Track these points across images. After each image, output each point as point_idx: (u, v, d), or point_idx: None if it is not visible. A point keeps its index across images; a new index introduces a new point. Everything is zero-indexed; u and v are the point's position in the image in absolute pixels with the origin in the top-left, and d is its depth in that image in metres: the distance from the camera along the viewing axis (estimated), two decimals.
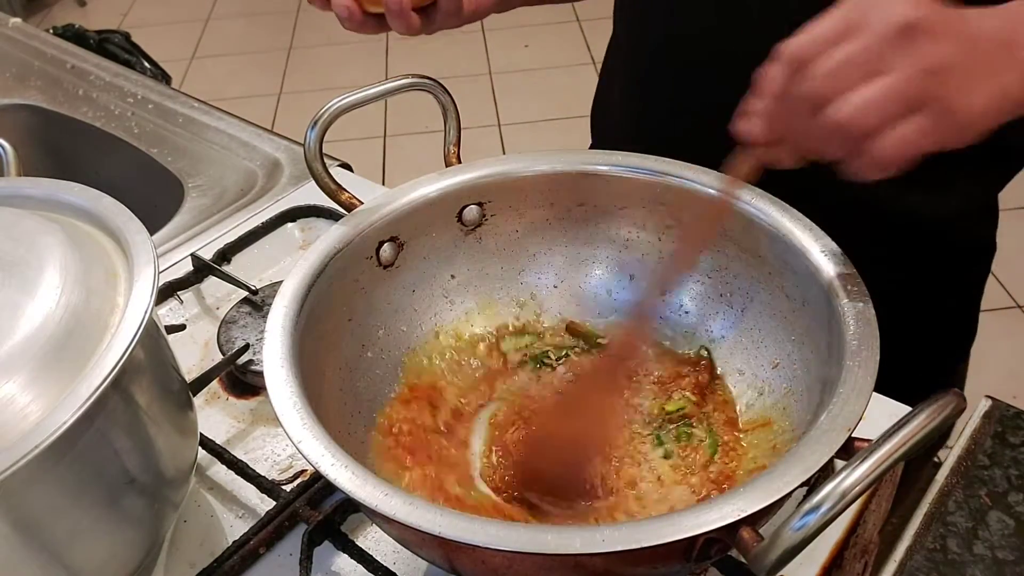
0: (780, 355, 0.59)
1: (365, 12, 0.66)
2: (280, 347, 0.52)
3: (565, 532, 0.41)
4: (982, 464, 0.60)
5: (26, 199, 0.58)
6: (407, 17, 0.65)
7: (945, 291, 0.83)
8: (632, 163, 0.64)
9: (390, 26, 0.66)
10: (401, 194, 0.63)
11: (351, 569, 0.59)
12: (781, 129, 0.47)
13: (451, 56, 3.06)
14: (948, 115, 0.43)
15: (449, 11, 0.67)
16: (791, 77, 0.45)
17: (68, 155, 1.15)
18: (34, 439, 0.42)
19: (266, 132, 1.07)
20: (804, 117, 0.45)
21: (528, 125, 2.81)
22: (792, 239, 0.57)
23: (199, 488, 0.66)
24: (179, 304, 0.83)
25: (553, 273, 0.68)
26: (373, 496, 0.43)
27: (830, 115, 0.44)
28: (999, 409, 0.63)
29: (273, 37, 3.43)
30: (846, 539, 0.59)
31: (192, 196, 0.98)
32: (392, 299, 0.64)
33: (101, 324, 0.48)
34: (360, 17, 0.66)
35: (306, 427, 0.47)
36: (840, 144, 0.45)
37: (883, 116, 0.43)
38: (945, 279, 0.82)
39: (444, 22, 0.68)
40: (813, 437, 0.44)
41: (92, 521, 0.49)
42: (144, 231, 0.54)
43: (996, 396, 0.64)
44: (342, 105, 0.59)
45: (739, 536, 0.41)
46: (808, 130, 0.45)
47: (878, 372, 0.47)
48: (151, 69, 1.63)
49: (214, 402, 0.73)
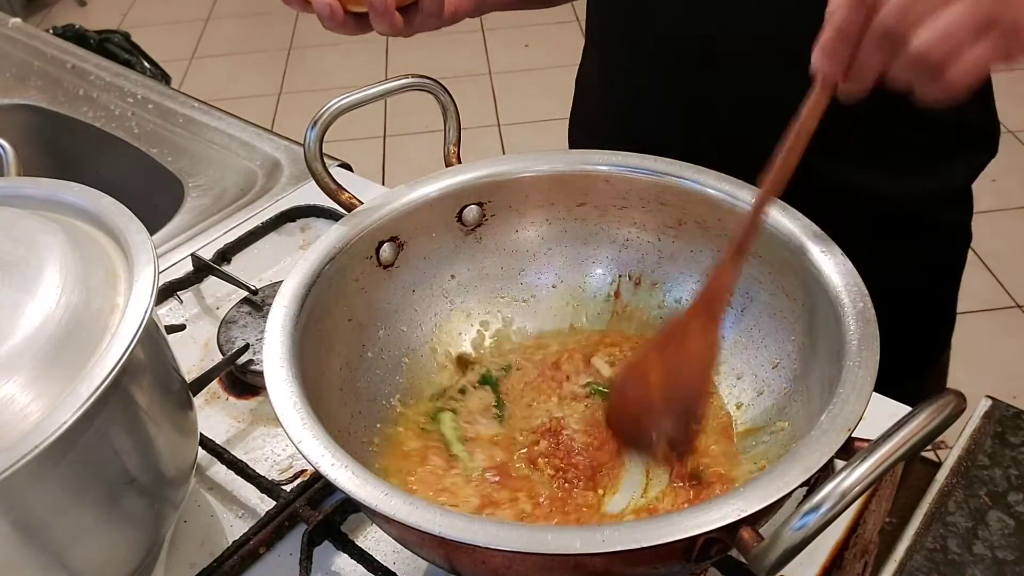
0: (780, 355, 0.59)
1: (347, 11, 0.65)
2: (280, 347, 0.52)
3: (565, 532, 0.41)
4: (982, 464, 0.60)
5: (26, 199, 0.58)
6: (391, 16, 0.64)
7: (923, 280, 0.85)
8: (632, 163, 0.64)
9: (373, 26, 0.66)
10: (401, 194, 0.63)
11: (351, 569, 0.59)
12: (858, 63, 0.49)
13: (451, 56, 3.06)
14: (1015, 32, 0.46)
15: (431, 12, 0.67)
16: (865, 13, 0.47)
17: (68, 155, 1.15)
18: (34, 439, 0.42)
19: (266, 132, 1.07)
20: (882, 50, 0.47)
21: (528, 125, 2.81)
22: (792, 239, 0.57)
23: (199, 488, 0.66)
24: (179, 304, 0.83)
25: (553, 273, 0.68)
26: (373, 496, 0.43)
27: (913, 46, 0.46)
28: (999, 409, 0.63)
29: (273, 37, 3.43)
30: (846, 539, 0.59)
31: (192, 196, 0.98)
32: (392, 299, 0.64)
33: (101, 324, 0.48)
34: (342, 17, 0.65)
35: (306, 427, 0.47)
36: (919, 73, 0.47)
37: (960, 42, 0.45)
38: (921, 267, 0.84)
39: (425, 23, 0.68)
40: (813, 437, 0.44)
41: (92, 521, 0.49)
42: (144, 231, 0.54)
43: (996, 396, 0.64)
44: (342, 105, 0.59)
45: (739, 536, 0.41)
46: (886, 62, 0.48)
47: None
48: (151, 69, 1.63)
49: (214, 402, 0.73)
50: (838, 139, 0.58)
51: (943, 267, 0.86)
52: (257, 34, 3.50)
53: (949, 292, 0.88)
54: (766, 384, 0.60)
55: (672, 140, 0.68)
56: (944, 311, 0.89)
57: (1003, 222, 2.21)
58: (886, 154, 0.75)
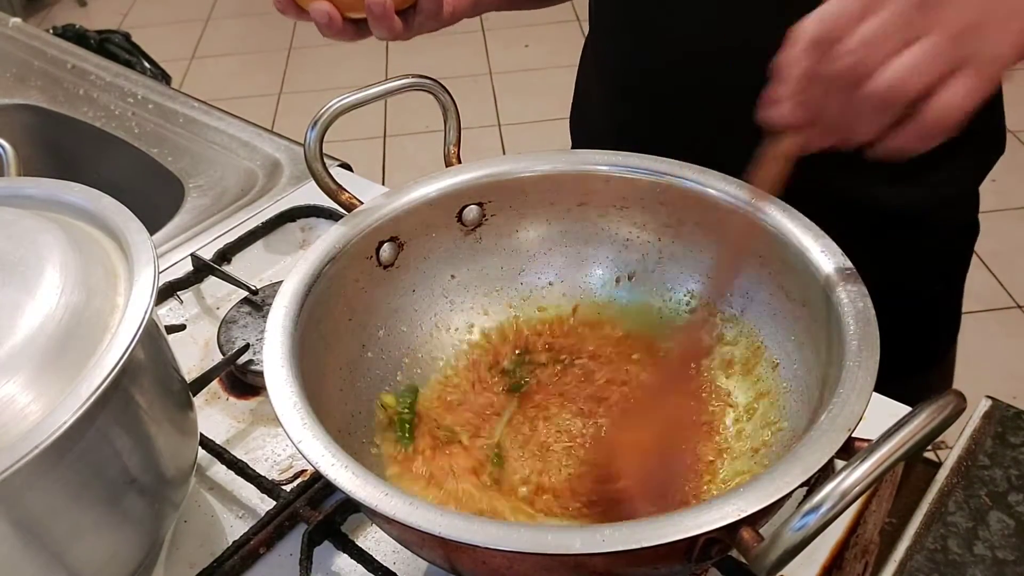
0: (780, 355, 0.59)
1: (345, 18, 0.64)
2: (280, 347, 0.52)
3: (565, 532, 0.41)
4: (982, 464, 0.60)
5: (26, 199, 0.58)
6: (390, 20, 0.63)
7: (929, 278, 0.84)
8: (632, 163, 0.64)
9: (371, 31, 0.65)
10: (401, 194, 0.63)
11: (351, 569, 0.59)
12: (814, 111, 0.47)
13: (451, 56, 3.06)
14: (986, 68, 0.44)
15: (429, 13, 0.66)
16: (819, 57, 0.45)
17: (68, 155, 1.15)
18: (34, 439, 0.42)
19: (266, 132, 1.07)
20: (840, 95, 0.45)
21: (528, 125, 2.81)
22: (792, 239, 0.57)
23: (199, 488, 0.66)
24: (179, 304, 0.83)
25: (553, 273, 0.68)
26: (373, 496, 0.43)
27: (872, 87, 0.43)
28: (999, 409, 0.63)
29: (273, 37, 3.43)
30: (846, 539, 0.59)
31: (192, 196, 0.98)
32: (392, 299, 0.64)
33: (101, 324, 0.48)
34: (340, 23, 0.64)
35: (306, 427, 0.47)
36: (882, 117, 0.44)
37: (927, 80, 0.43)
38: (928, 265, 0.83)
39: (424, 25, 0.67)
40: (813, 437, 0.44)
41: (92, 521, 0.49)
42: (144, 231, 0.54)
43: (996, 396, 0.64)
44: (342, 105, 0.59)
45: (739, 536, 0.41)
46: (846, 107, 0.45)
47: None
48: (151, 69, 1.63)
49: (214, 402, 0.73)
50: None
51: (949, 265, 0.85)
52: (257, 34, 3.50)
53: (955, 289, 0.87)
54: (766, 384, 0.60)
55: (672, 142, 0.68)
56: (949, 308, 0.88)
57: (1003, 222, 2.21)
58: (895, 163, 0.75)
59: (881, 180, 0.75)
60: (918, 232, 0.80)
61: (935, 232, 0.81)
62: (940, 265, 0.84)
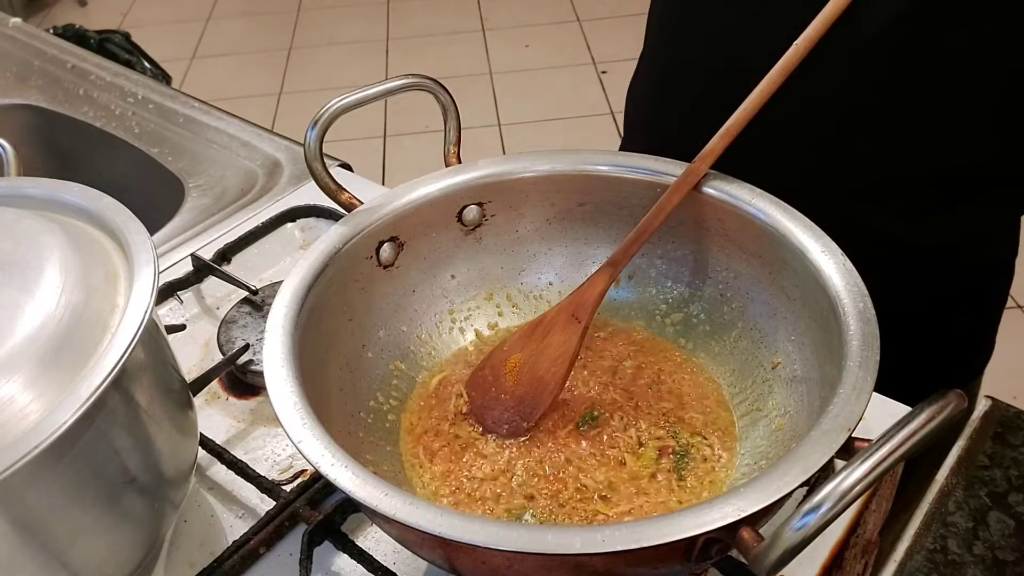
0: (780, 355, 0.59)
1: None
2: (280, 347, 0.52)
3: (565, 532, 0.41)
4: (982, 464, 0.60)
5: (26, 199, 0.58)
6: None
7: (957, 310, 0.82)
8: (632, 163, 0.64)
9: None
10: (401, 194, 0.64)
11: (351, 569, 0.59)
12: None
13: (451, 56, 3.06)
14: None
15: None
16: None
17: (68, 155, 1.15)
18: (34, 439, 0.42)
19: (266, 132, 1.07)
20: None
21: (528, 125, 2.81)
22: (792, 239, 0.57)
23: (199, 488, 0.66)
24: (179, 304, 0.83)
25: (553, 273, 0.69)
26: (373, 496, 0.43)
27: None
28: (999, 409, 0.63)
29: (273, 37, 3.43)
30: (846, 539, 0.59)
31: (192, 196, 0.98)
32: (392, 299, 0.64)
33: (101, 324, 0.48)
34: None
35: (306, 427, 0.47)
36: None
37: None
38: (956, 299, 0.81)
39: None
40: (813, 437, 0.44)
41: (92, 521, 0.49)
42: (144, 231, 0.54)
43: (996, 396, 0.64)
44: (342, 105, 0.59)
45: (739, 536, 0.41)
46: None
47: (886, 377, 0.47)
48: (151, 69, 1.63)
49: (214, 402, 0.73)
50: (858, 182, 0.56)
51: (979, 299, 0.83)
52: (257, 34, 3.50)
53: (986, 323, 0.85)
54: (766, 385, 0.60)
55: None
56: (978, 341, 0.86)
57: None
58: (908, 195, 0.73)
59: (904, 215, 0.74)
60: (946, 266, 0.78)
61: (963, 267, 0.79)
62: (969, 299, 0.82)
